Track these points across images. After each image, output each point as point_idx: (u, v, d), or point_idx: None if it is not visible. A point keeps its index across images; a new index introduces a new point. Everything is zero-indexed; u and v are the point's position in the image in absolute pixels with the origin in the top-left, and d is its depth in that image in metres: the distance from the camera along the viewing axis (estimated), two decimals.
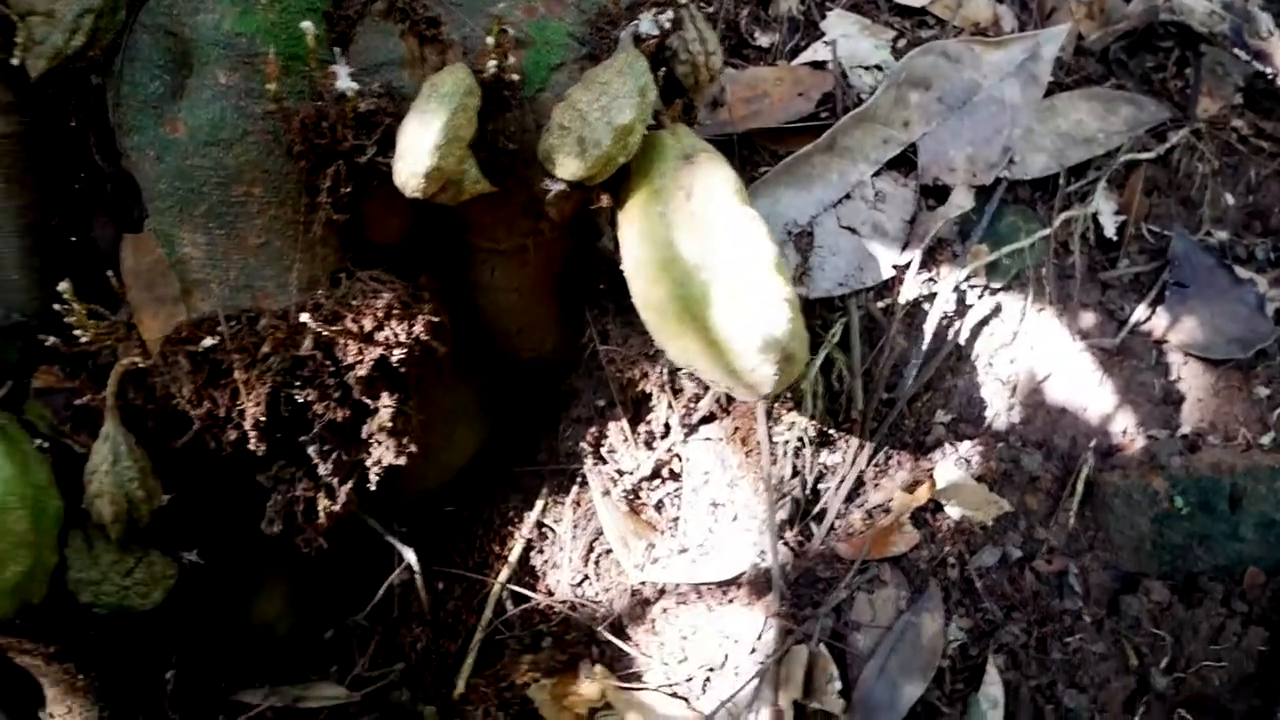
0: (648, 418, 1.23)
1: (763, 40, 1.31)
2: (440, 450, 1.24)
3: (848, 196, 1.20)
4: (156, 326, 1.03)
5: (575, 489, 1.26)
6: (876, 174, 1.22)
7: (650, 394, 1.22)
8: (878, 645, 1.06)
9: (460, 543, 1.28)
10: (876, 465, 1.17)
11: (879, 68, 1.26)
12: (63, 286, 1.00)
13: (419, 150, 0.91)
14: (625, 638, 1.20)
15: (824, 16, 1.30)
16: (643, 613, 1.21)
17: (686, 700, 1.13)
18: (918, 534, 1.10)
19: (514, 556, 1.26)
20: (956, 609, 1.07)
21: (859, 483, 1.16)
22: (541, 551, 1.27)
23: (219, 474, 1.13)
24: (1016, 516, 1.11)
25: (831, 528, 1.15)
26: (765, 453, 1.16)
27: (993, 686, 1.02)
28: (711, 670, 1.14)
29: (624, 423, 1.23)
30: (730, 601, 1.17)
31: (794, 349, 0.95)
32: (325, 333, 1.00)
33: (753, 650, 1.13)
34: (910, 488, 1.14)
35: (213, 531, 1.20)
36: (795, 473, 1.17)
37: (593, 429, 1.24)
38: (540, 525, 1.27)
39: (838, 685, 1.04)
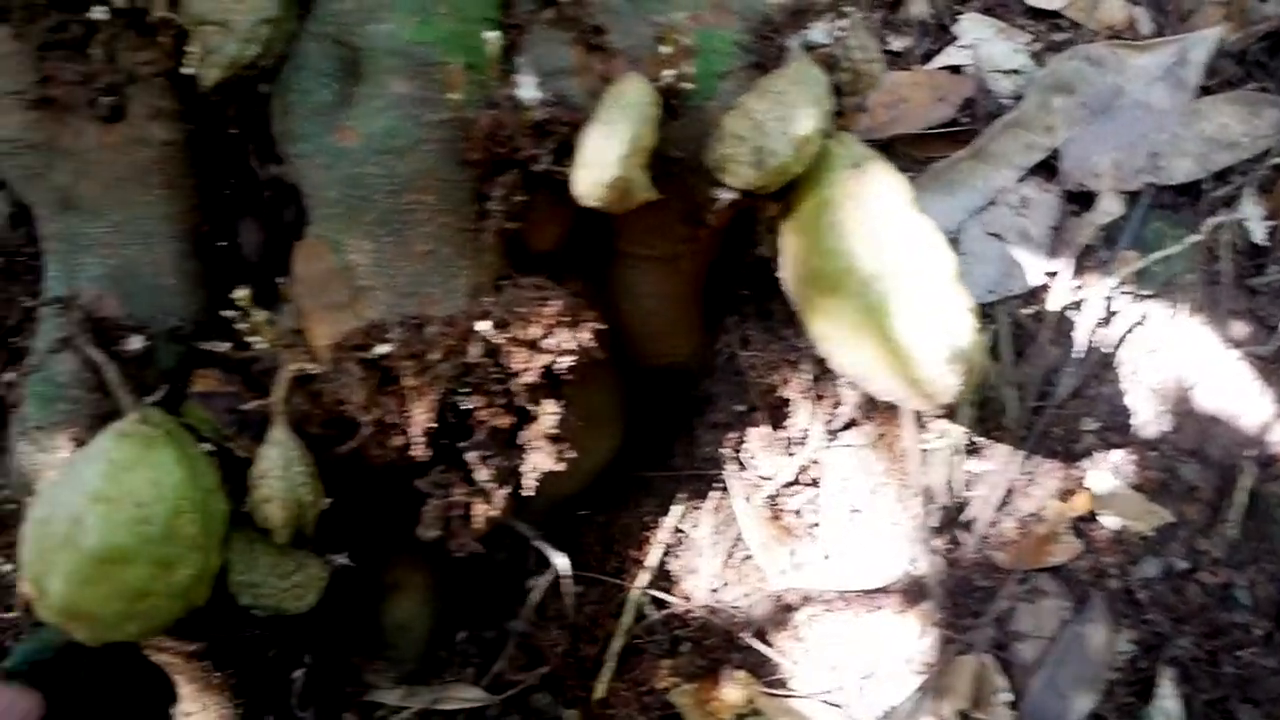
0: (787, 423, 1.23)
1: (896, 45, 1.31)
2: (579, 455, 1.24)
3: (992, 203, 1.20)
4: (325, 333, 1.03)
5: (714, 494, 1.26)
6: (1020, 180, 1.21)
7: (790, 400, 1.22)
8: (1043, 656, 1.06)
9: (596, 547, 1.29)
10: (1025, 473, 1.16)
11: (1016, 72, 1.25)
12: (240, 293, 1.00)
13: (605, 160, 0.91)
14: (768, 644, 1.20)
15: (955, 20, 1.30)
16: (785, 619, 1.21)
17: (840, 707, 1.14)
18: (1078, 544, 1.10)
19: (652, 561, 1.26)
20: (1121, 620, 1.07)
21: (1008, 491, 1.16)
22: (678, 557, 1.27)
23: (367, 478, 1.14)
24: (1176, 527, 1.10)
25: (984, 536, 1.14)
26: (914, 459, 1.16)
27: (1167, 700, 1.02)
28: (864, 678, 1.14)
29: (764, 428, 1.23)
30: (878, 609, 1.17)
31: (976, 359, 0.95)
32: (497, 340, 1.00)
33: (906, 659, 1.13)
34: (1063, 496, 1.14)
35: (354, 533, 1.21)
36: (942, 480, 1.17)
37: (732, 434, 1.24)
38: (677, 530, 1.27)
39: (1006, 696, 1.04)
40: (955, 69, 1.24)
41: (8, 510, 1.17)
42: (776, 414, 1.23)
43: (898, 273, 0.95)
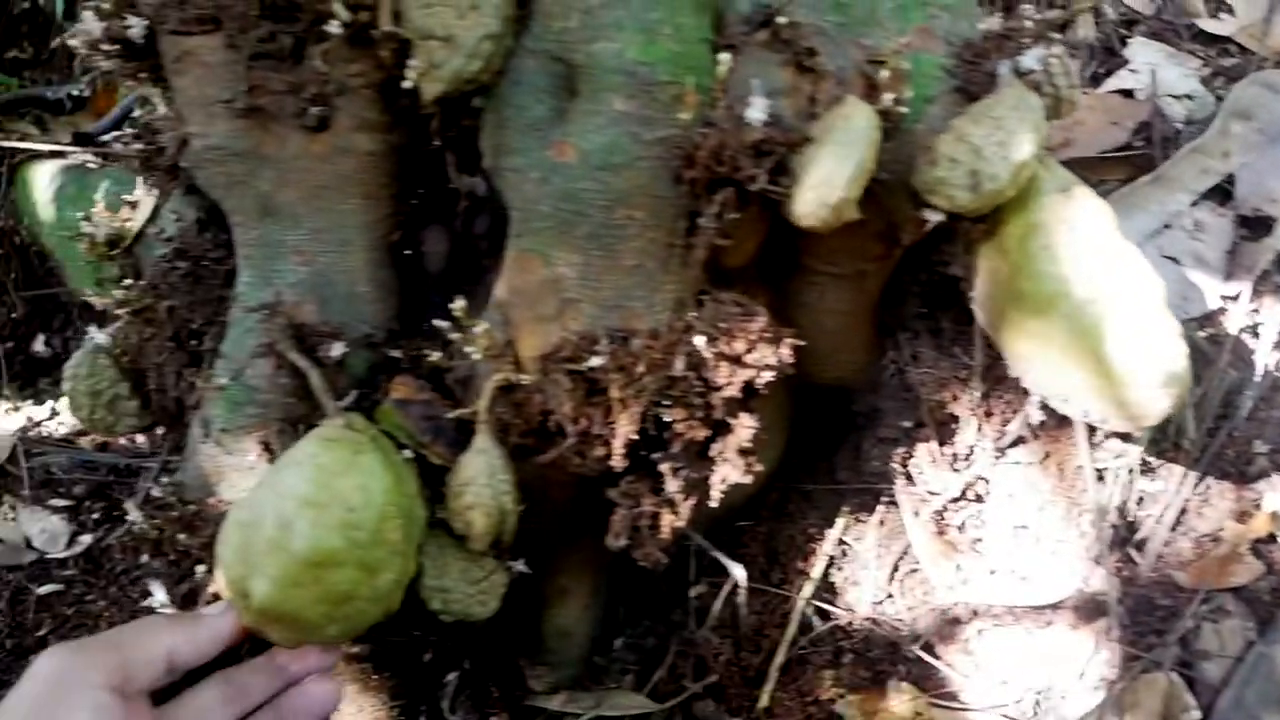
0: (955, 440, 1.25)
1: None
2: None
3: (1167, 226, 1.21)
4: (534, 344, 1.05)
5: (880, 508, 1.28)
6: (1194, 204, 1.22)
7: (959, 416, 1.24)
8: (1229, 676, 1.07)
9: (759, 558, 1.31)
10: (1199, 494, 1.18)
11: (1189, 97, 1.27)
12: (457, 305, 1.03)
13: (834, 183, 0.93)
14: (935, 656, 1.22)
15: (1124, 43, 1.31)
16: (953, 632, 1.23)
17: None
18: (1259, 565, 1.11)
19: (816, 573, 1.28)
20: None
21: (1182, 511, 1.17)
22: (842, 569, 1.29)
23: (546, 487, 1.16)
24: None
25: (1160, 555, 1.16)
26: (1090, 477, 1.17)
27: None
28: (1039, 693, 1.15)
29: (932, 444, 1.24)
30: (1049, 625, 1.18)
31: (1187, 383, 0.97)
32: (704, 354, 1.02)
33: (1081, 675, 1.14)
34: (1239, 517, 1.15)
35: (526, 541, 1.23)
36: (1116, 499, 1.18)
37: (900, 449, 1.26)
38: (841, 543, 1.29)
39: (1195, 714, 1.05)
40: (1127, 93, 1.25)
41: (190, 512, 1.19)
42: (944, 430, 1.25)
43: (1111, 297, 0.96)
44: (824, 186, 0.94)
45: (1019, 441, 1.23)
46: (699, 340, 1.00)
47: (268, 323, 1.10)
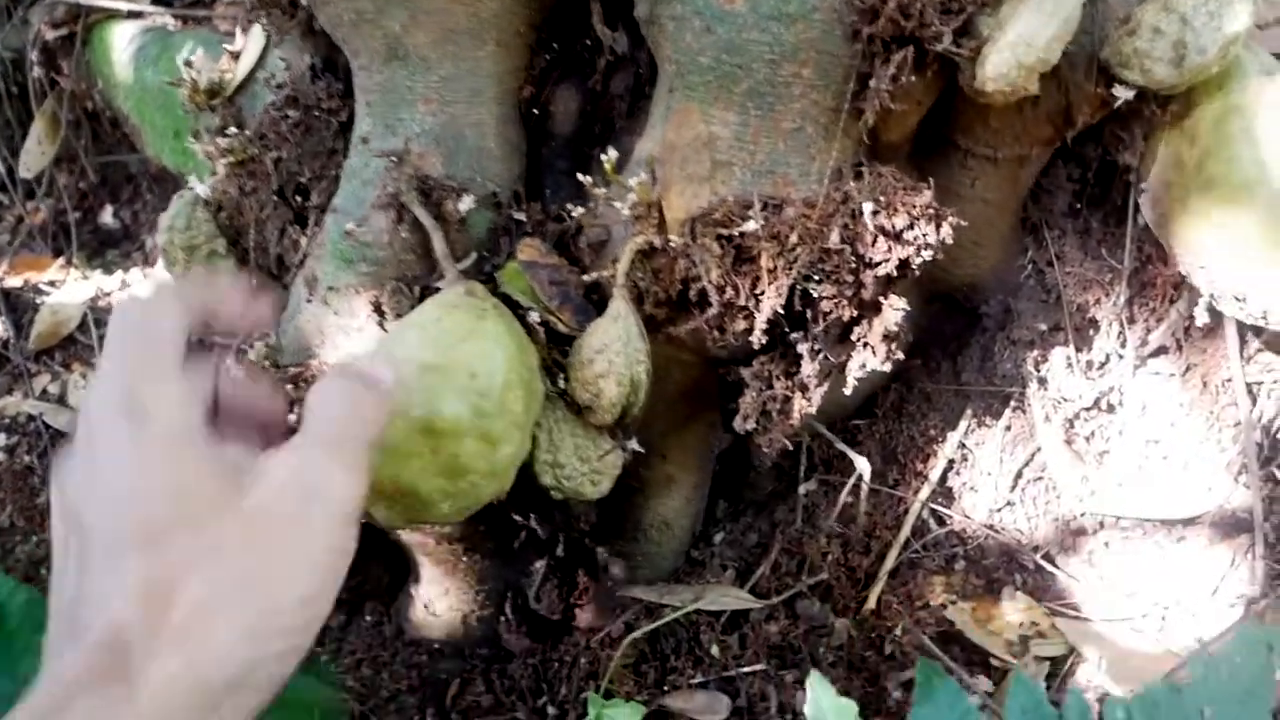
0: (1091, 346, 1.19)
1: None
2: None
3: None
4: (682, 205, 0.99)
5: (1007, 412, 1.23)
6: None
7: (1099, 321, 1.18)
8: None
9: (875, 458, 1.26)
10: None
11: None
12: (609, 156, 0.97)
13: (1035, 40, 0.86)
14: (1055, 567, 1.18)
15: None
16: (1076, 543, 1.18)
17: (1143, 634, 1.11)
18: None
19: (934, 476, 1.23)
20: None
21: None
22: (960, 474, 1.24)
23: (672, 366, 1.11)
24: None
25: None
26: (1241, 389, 1.12)
27: None
28: (1167, 608, 1.11)
29: (1069, 349, 1.19)
30: (1181, 540, 1.14)
31: None
32: (865, 226, 0.96)
33: (1215, 592, 1.10)
34: None
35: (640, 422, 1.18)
36: (1265, 416, 1.13)
37: (1034, 352, 1.20)
38: (962, 446, 1.24)
39: None
40: None
41: (288, 375, 1.14)
42: (1082, 336, 1.19)
43: None
44: (1022, 45, 0.87)
45: (1161, 351, 1.18)
46: (867, 208, 0.94)
47: (393, 172, 1.04)
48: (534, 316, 1.03)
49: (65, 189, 1.85)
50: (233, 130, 1.22)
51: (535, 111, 1.14)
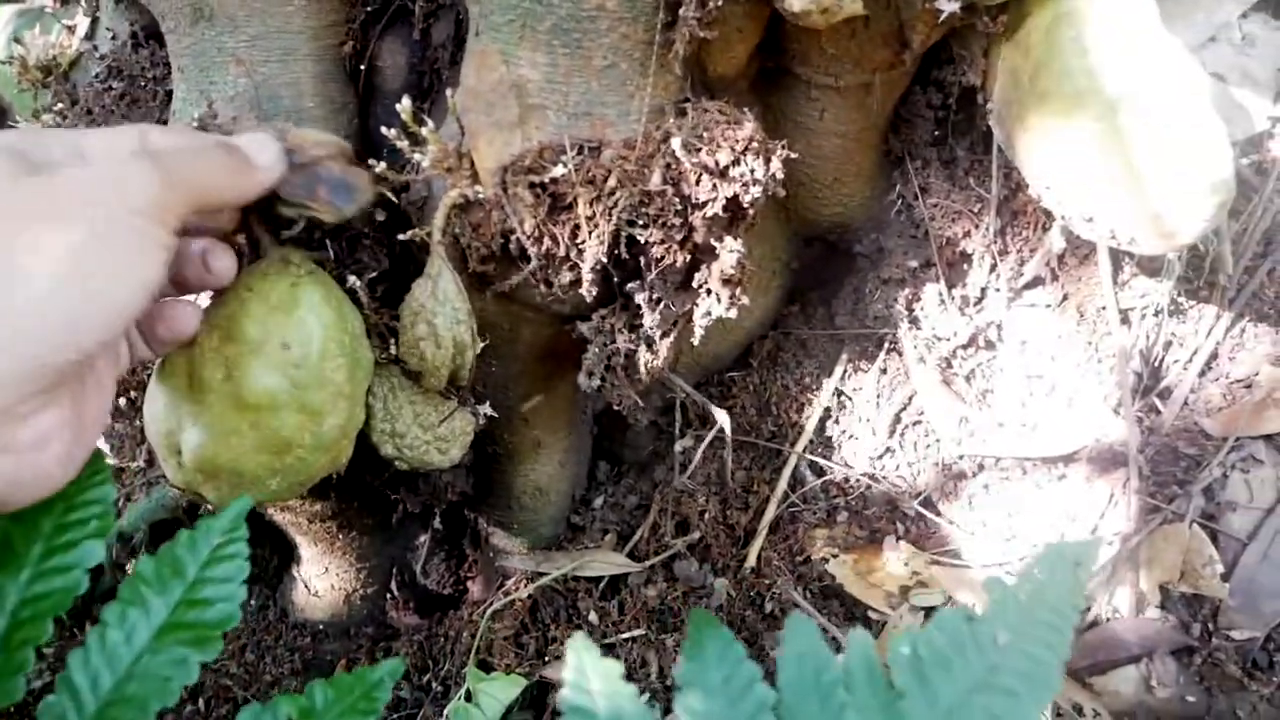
0: (965, 280, 1.13)
1: None
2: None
3: (1213, 40, 1.08)
4: (493, 154, 0.93)
5: (881, 355, 1.17)
6: (1244, 16, 1.09)
7: (970, 254, 1.12)
8: (1257, 528, 0.97)
9: (750, 410, 1.21)
10: (1232, 337, 1.07)
11: None
12: (404, 105, 0.91)
13: None
14: (936, 514, 1.13)
15: None
16: (956, 488, 1.13)
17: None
18: None
19: (810, 425, 1.18)
20: None
21: (1214, 355, 1.07)
22: (838, 422, 1.19)
23: (510, 327, 1.07)
24: None
25: (1187, 403, 1.05)
26: (1114, 318, 1.06)
27: None
28: None
29: (941, 285, 1.13)
30: (1062, 478, 1.08)
31: (1230, 195, 0.85)
32: (682, 166, 0.90)
33: (1094, 530, 1.05)
34: (1277, 361, 1.04)
35: (497, 386, 1.14)
36: (1140, 343, 1.07)
37: (905, 291, 1.15)
38: (838, 393, 1.19)
39: (1218, 568, 0.96)
40: None
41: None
42: (955, 271, 1.14)
43: (1148, 94, 0.84)
44: None
45: (1036, 282, 1.12)
46: (676, 144, 0.88)
47: None
48: (353, 281, 0.97)
49: None
50: (60, 106, 1.17)
51: (362, 68, 1.09)
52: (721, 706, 0.55)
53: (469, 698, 1.14)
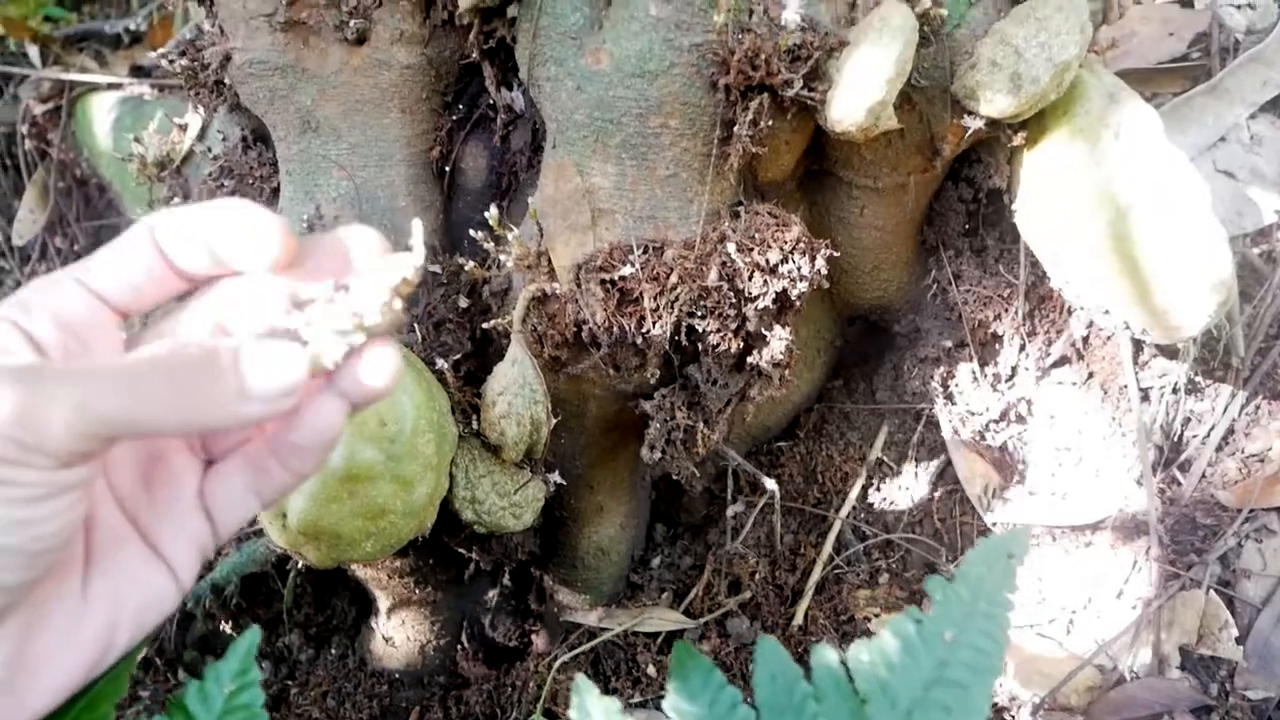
0: (996, 359, 1.23)
1: None
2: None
3: (1223, 140, 1.17)
4: (568, 254, 1.05)
5: (919, 428, 1.27)
6: (1252, 117, 1.18)
7: (1001, 335, 1.22)
8: (1270, 595, 1.05)
9: (797, 478, 1.30)
10: (1247, 414, 1.15)
11: (1250, 5, 1.22)
12: (491, 213, 1.03)
13: (871, 83, 0.91)
14: None
15: None
16: None
17: (1051, 640, 1.14)
18: None
19: (854, 493, 1.27)
20: None
21: (1229, 431, 1.15)
22: (879, 489, 1.29)
23: (580, 403, 1.17)
24: None
25: (1204, 475, 1.13)
26: (1135, 396, 1.15)
27: None
28: (1075, 612, 1.14)
29: (974, 363, 1.23)
30: (1089, 545, 1.17)
31: (1232, 293, 0.94)
32: (736, 264, 1.01)
33: (1119, 595, 1.13)
34: None
35: (566, 456, 1.24)
36: (1160, 419, 1.16)
37: (941, 369, 1.24)
38: (880, 463, 1.29)
39: (1234, 632, 1.04)
40: (1186, 2, 1.21)
41: None
42: (987, 350, 1.23)
43: (1156, 204, 0.94)
44: (860, 88, 0.92)
45: (1063, 361, 1.21)
46: (731, 247, 0.99)
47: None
48: (441, 364, 1.09)
49: (59, 253, 1.97)
50: (176, 201, 1.31)
51: (448, 170, 1.21)
52: None
53: None
